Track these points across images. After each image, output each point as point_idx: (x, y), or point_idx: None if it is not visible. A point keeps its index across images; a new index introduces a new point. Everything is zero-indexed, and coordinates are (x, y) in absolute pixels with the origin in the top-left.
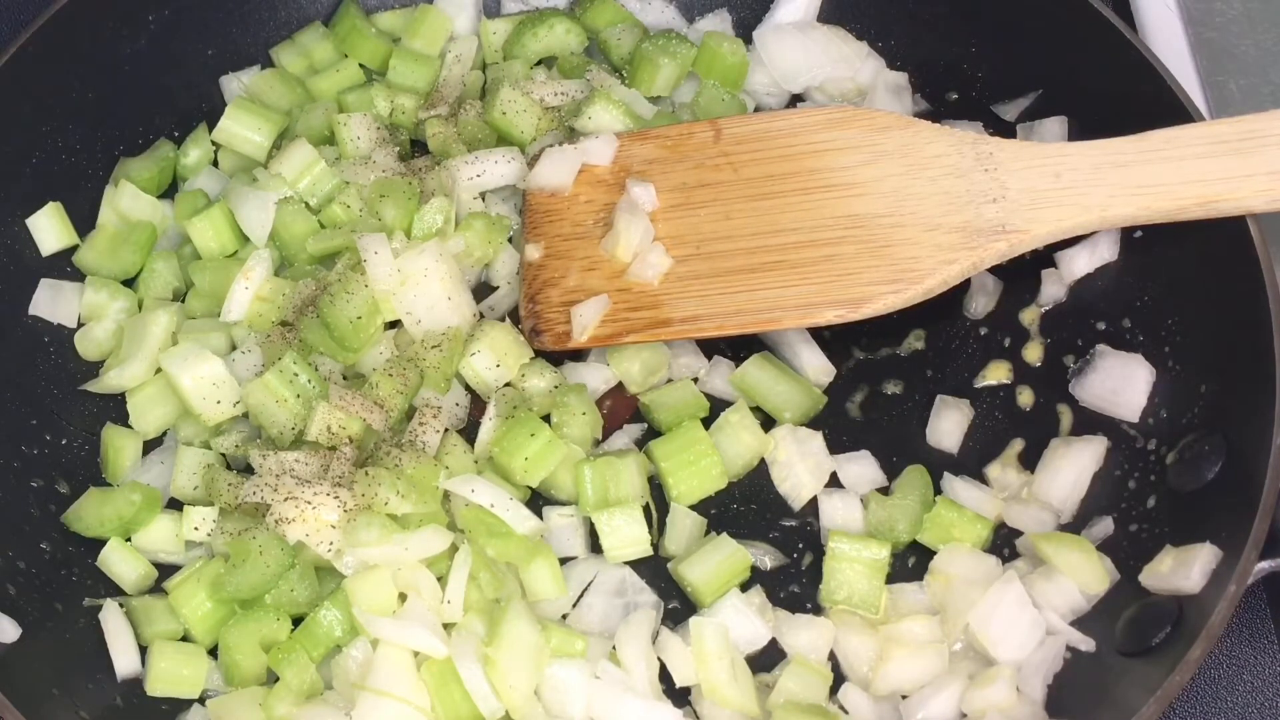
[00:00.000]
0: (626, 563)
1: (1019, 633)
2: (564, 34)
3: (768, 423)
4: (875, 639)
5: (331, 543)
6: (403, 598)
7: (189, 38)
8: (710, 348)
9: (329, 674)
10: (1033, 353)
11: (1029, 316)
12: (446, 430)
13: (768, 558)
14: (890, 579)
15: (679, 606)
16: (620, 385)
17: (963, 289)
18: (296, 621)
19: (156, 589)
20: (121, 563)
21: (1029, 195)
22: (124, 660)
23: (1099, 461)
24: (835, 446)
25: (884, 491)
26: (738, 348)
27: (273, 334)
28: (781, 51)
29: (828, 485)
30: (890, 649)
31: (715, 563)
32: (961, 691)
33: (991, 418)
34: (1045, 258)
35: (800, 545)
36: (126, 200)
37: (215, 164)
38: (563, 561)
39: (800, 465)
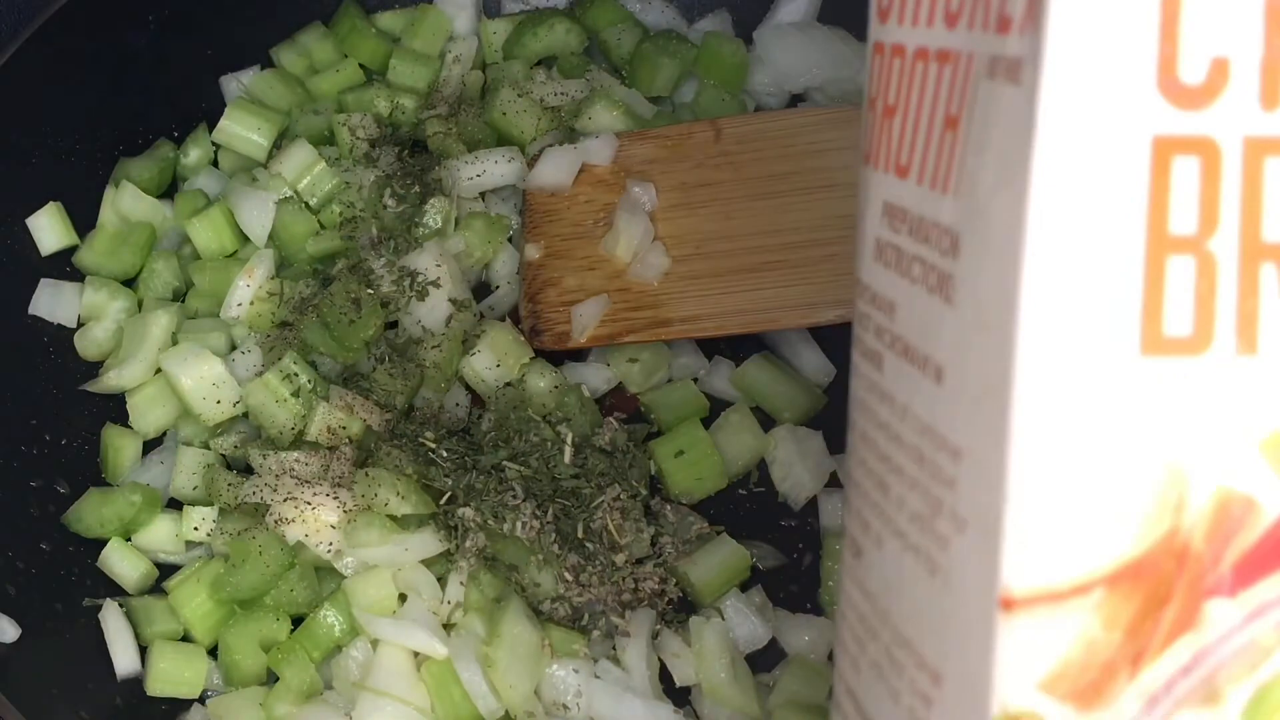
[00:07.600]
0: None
1: None
2: (564, 34)
3: (768, 422)
4: None
5: (331, 543)
6: (402, 598)
7: (189, 38)
8: (710, 348)
9: (329, 674)
10: None
11: None
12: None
13: (768, 558)
14: None
15: (679, 606)
16: (620, 385)
17: None
18: (296, 621)
19: (156, 589)
20: (121, 563)
21: None
22: (124, 660)
23: None
24: (835, 446)
25: None
26: (738, 348)
27: (273, 334)
28: (781, 51)
29: (828, 485)
30: None
31: (715, 563)
32: None
33: None
34: None
35: (800, 545)
36: (126, 200)
37: (215, 164)
38: None
39: (800, 465)
